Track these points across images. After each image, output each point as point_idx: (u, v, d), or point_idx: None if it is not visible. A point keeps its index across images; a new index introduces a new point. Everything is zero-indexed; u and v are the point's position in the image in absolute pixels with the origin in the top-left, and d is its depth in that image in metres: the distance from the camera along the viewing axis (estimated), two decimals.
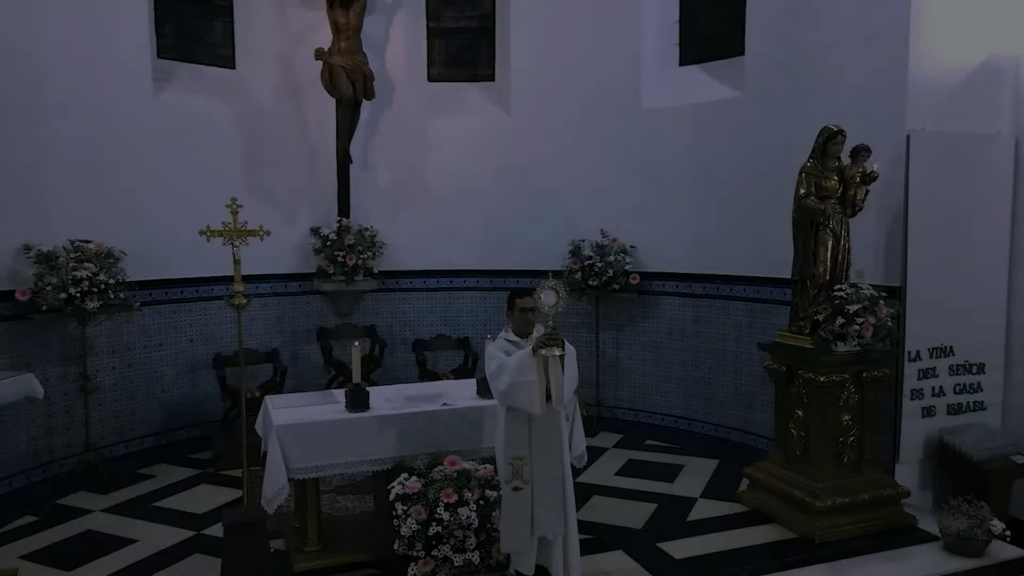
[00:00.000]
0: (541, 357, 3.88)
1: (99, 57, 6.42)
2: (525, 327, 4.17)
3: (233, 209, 4.67)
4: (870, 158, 5.07)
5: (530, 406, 3.89)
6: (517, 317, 4.21)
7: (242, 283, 4.64)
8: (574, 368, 4.00)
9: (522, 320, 4.18)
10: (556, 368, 3.88)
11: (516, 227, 8.07)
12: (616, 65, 7.61)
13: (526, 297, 4.20)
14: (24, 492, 5.85)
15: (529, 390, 3.87)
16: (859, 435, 5.11)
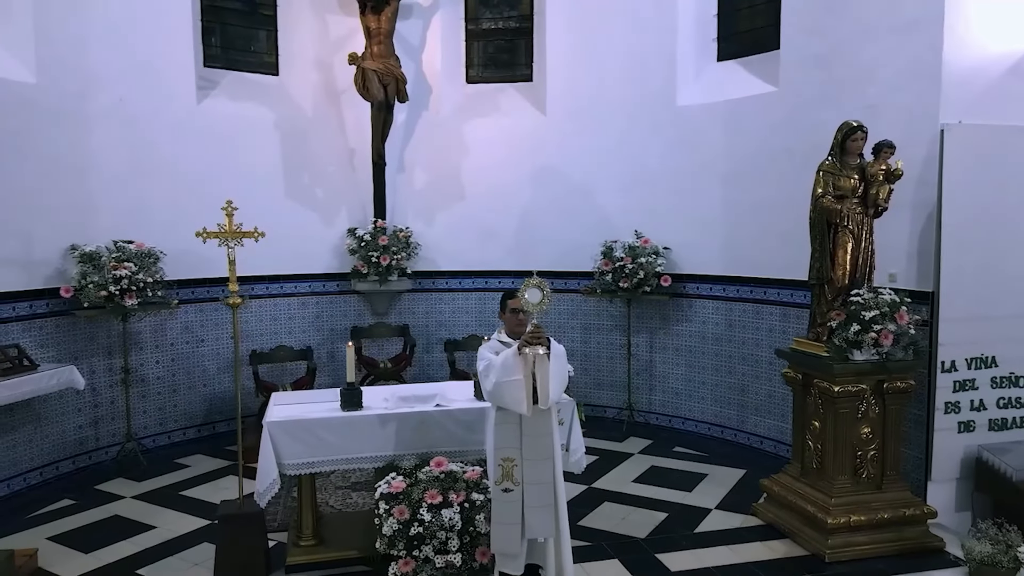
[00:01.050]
0: (527, 356, 3.84)
1: (144, 68, 6.77)
2: (517, 328, 4.13)
3: (228, 212, 4.78)
4: (894, 154, 4.75)
5: (517, 405, 3.85)
6: (509, 318, 4.19)
7: (236, 283, 4.73)
8: (562, 368, 3.91)
9: (514, 321, 4.16)
10: (543, 367, 3.82)
11: (550, 228, 8.02)
12: (651, 63, 7.45)
13: (517, 299, 4.16)
14: (68, 477, 6.24)
15: (515, 389, 3.83)
16: (880, 449, 4.81)
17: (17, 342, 5.83)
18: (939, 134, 4.99)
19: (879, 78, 5.55)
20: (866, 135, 4.80)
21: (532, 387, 3.82)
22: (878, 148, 4.77)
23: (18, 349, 5.78)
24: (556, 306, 8.07)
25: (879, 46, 5.54)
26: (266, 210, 7.58)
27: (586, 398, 8.11)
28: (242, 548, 4.30)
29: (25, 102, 5.97)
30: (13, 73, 5.93)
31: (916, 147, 5.19)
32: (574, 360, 7.91)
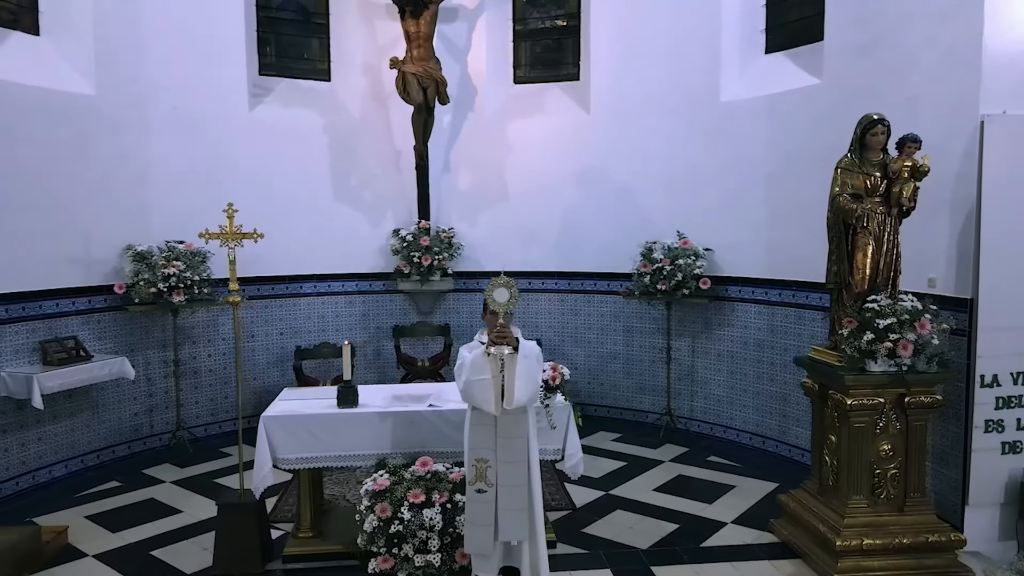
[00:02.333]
0: (496, 356, 3.82)
1: (198, 78, 7.16)
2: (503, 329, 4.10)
3: (229, 214, 4.97)
4: (919, 149, 4.38)
5: (485, 405, 3.85)
6: (489, 319, 4.16)
7: (237, 282, 4.90)
8: (531, 368, 3.83)
9: (493, 322, 4.13)
10: (510, 367, 3.79)
11: (592, 228, 7.91)
12: (694, 58, 7.21)
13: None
14: (121, 461, 6.70)
15: (484, 389, 3.82)
16: (902, 468, 4.44)
17: (75, 334, 6.32)
18: (979, 125, 4.55)
19: (919, 67, 5.14)
20: (888, 129, 4.45)
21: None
22: (901, 143, 4.42)
23: (75, 341, 6.27)
24: (599, 308, 8.00)
25: (919, 32, 5.12)
26: (315, 212, 7.93)
27: (627, 403, 7.95)
28: (240, 537, 4.48)
29: (86, 112, 6.45)
30: (75, 86, 6.42)
31: (956, 140, 4.78)
32: (616, 363, 7.87)
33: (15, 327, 5.93)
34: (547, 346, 8.18)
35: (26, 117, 6.01)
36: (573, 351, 8.18)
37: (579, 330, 8.16)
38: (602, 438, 7.31)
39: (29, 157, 6.01)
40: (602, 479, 6.12)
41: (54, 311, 6.24)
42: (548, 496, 5.68)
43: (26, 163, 5.99)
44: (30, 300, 6.04)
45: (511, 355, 3.76)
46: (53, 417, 6.23)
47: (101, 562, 4.69)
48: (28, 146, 6.01)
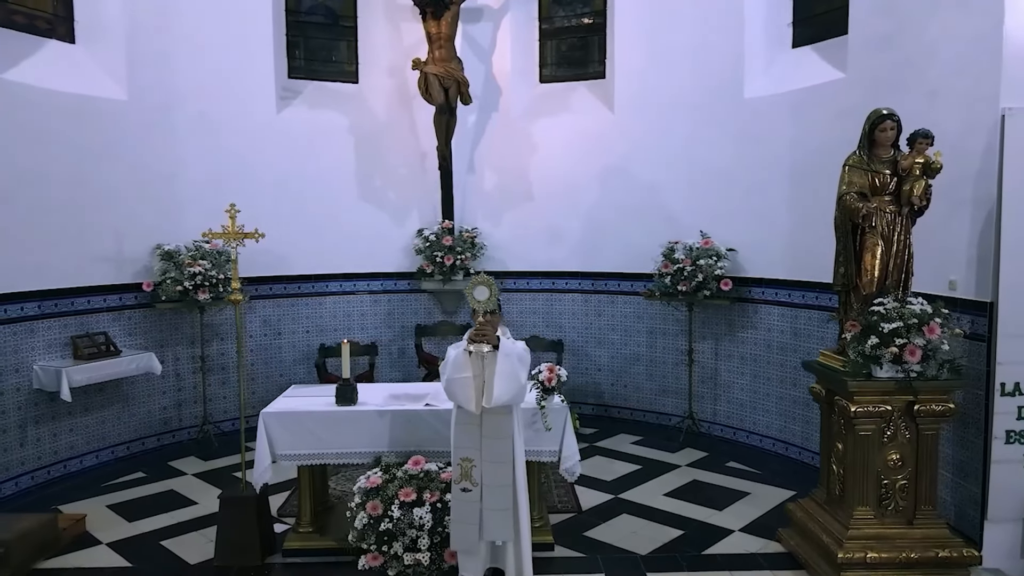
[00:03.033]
0: (477, 354, 3.83)
1: (226, 82, 7.35)
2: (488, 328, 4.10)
3: (231, 214, 5.07)
4: (931, 145, 4.18)
5: (466, 403, 3.87)
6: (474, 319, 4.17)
7: (239, 280, 4.99)
8: (512, 368, 3.80)
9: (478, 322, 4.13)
10: (490, 365, 3.79)
11: (616, 228, 7.82)
12: (718, 55, 7.06)
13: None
14: (149, 452, 6.94)
15: (464, 387, 3.84)
16: (913, 479, 4.25)
17: (105, 330, 6.57)
18: (1000, 119, 4.32)
19: (940, 59, 4.90)
20: (898, 124, 4.26)
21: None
22: (912, 138, 4.23)
23: (105, 336, 6.52)
24: (622, 308, 7.89)
25: (940, 22, 4.89)
26: (341, 212, 8.06)
27: (650, 405, 7.83)
28: (240, 530, 4.59)
29: (118, 117, 6.70)
30: (108, 91, 6.68)
31: (977, 135, 4.55)
32: (639, 365, 7.76)
33: (48, 323, 6.20)
34: (570, 347, 8.13)
35: (61, 122, 6.27)
36: (596, 352, 8.10)
37: (603, 331, 8.07)
38: (622, 440, 7.21)
39: (63, 160, 6.28)
40: (613, 482, 6.04)
41: (85, 308, 6.50)
42: (555, 498, 5.64)
43: (60, 166, 6.25)
44: (62, 297, 6.31)
45: (491, 353, 3.75)
46: (85, 409, 6.50)
47: (112, 550, 4.86)
48: (62, 150, 6.28)
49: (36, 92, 6.09)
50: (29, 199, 6.03)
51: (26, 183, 5.99)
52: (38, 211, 6.09)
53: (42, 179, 6.12)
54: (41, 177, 6.11)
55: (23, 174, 5.97)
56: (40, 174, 6.11)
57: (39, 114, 6.10)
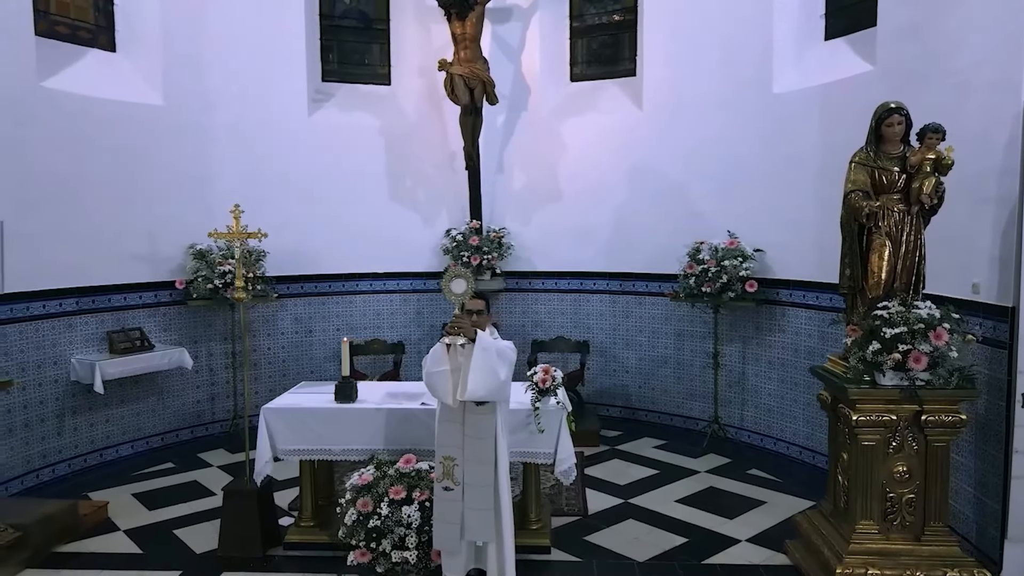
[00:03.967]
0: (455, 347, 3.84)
1: (259, 87, 7.57)
2: None
3: (236, 214, 5.20)
4: (943, 140, 3.95)
5: (444, 396, 3.90)
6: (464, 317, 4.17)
7: (243, 279, 5.11)
8: (490, 362, 3.77)
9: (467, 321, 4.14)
10: (466, 359, 3.79)
11: (644, 227, 7.69)
12: (747, 49, 6.87)
13: (473, 299, 4.18)
14: (181, 444, 7.20)
15: (442, 380, 3.87)
16: (921, 493, 4.02)
17: (140, 326, 6.86)
18: (1021, 111, 4.05)
19: (966, 48, 4.63)
20: (906, 119, 4.05)
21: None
22: (921, 133, 4.01)
23: (140, 332, 6.81)
24: (650, 310, 7.76)
25: (966, 9, 4.63)
26: (371, 212, 8.19)
27: (677, 408, 7.67)
28: (242, 522, 4.71)
29: (154, 121, 6.98)
30: (145, 97, 6.97)
31: (1000, 128, 4.29)
32: (666, 367, 7.62)
33: (85, 318, 6.52)
34: (598, 348, 8.04)
35: (101, 128, 6.57)
36: (624, 354, 7.98)
37: (630, 333, 7.94)
38: (644, 444, 7.09)
39: (102, 163, 6.58)
40: (626, 486, 5.94)
41: (122, 304, 6.80)
42: (563, 501, 5.59)
43: (100, 169, 6.56)
44: (100, 294, 6.62)
45: (469, 347, 3.75)
46: (121, 401, 6.80)
47: (128, 536, 5.07)
48: (102, 153, 6.58)
49: (76, 99, 6.40)
50: (69, 201, 6.34)
51: (66, 186, 6.31)
52: (77, 212, 6.40)
53: (81, 182, 6.43)
54: (80, 180, 6.43)
55: (63, 177, 6.28)
56: (79, 177, 6.42)
57: (78, 120, 6.40)
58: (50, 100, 6.20)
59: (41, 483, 6.11)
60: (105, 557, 4.77)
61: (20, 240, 5.84)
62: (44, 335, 6.17)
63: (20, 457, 5.98)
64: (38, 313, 6.11)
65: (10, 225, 5.75)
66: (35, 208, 6.04)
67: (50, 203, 6.18)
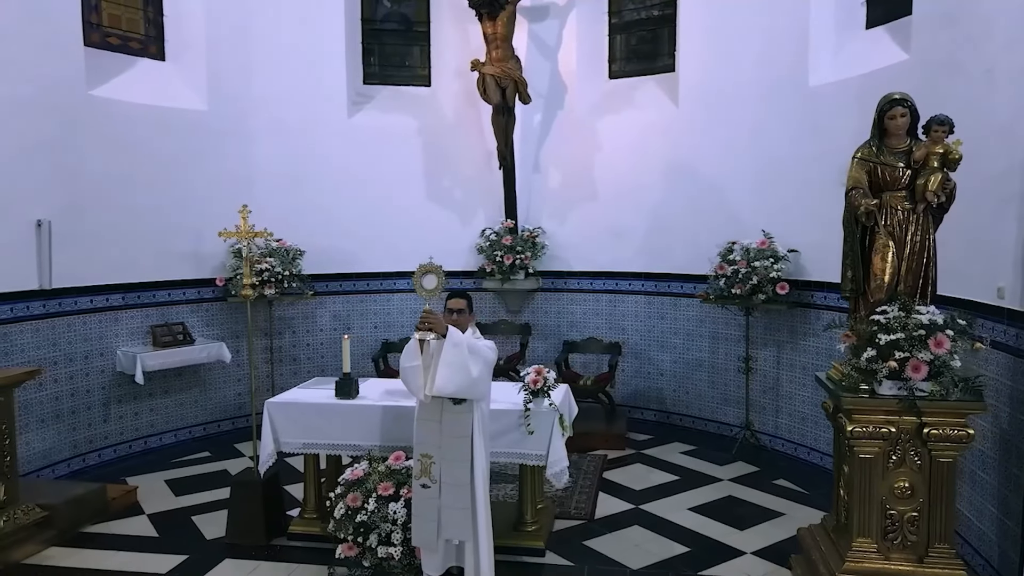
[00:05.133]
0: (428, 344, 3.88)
1: (299, 90, 7.81)
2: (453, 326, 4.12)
3: (244, 214, 5.37)
4: (950, 133, 3.67)
5: (417, 391, 3.96)
6: (445, 317, 4.21)
7: (251, 276, 5.27)
8: (460, 359, 3.77)
9: (448, 320, 4.16)
10: (436, 354, 3.81)
11: (680, 227, 7.51)
12: (784, 40, 6.60)
13: (454, 299, 4.21)
14: (221, 434, 7.52)
15: (414, 375, 3.93)
16: (925, 512, 3.76)
17: (183, 321, 7.21)
18: None
19: (996, 34, 4.29)
20: (910, 111, 3.79)
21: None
22: (927, 126, 3.74)
23: (183, 326, 7.16)
24: (685, 312, 7.58)
25: None
26: (409, 212, 8.32)
27: (711, 414, 7.45)
28: (247, 512, 4.89)
29: (199, 126, 7.32)
30: (190, 103, 7.32)
31: None
32: (701, 371, 7.41)
33: (131, 312, 6.90)
34: (633, 350, 7.91)
35: (148, 133, 6.94)
36: (659, 356, 7.81)
37: (665, 335, 7.76)
38: (672, 449, 6.91)
39: (148, 166, 6.95)
40: (641, 492, 5.81)
41: (166, 300, 7.16)
42: (571, 504, 5.52)
43: (145, 171, 6.92)
44: (145, 290, 7.00)
45: (438, 343, 3.76)
46: (165, 392, 7.17)
47: (150, 520, 5.35)
48: (149, 157, 6.95)
49: (124, 106, 6.77)
50: (117, 202, 6.72)
51: (114, 188, 6.69)
52: (124, 213, 6.78)
53: (129, 184, 6.81)
54: (128, 182, 6.80)
55: (111, 180, 6.66)
56: (127, 179, 6.79)
57: (127, 126, 6.78)
58: (98, 107, 6.58)
59: (87, 467, 6.51)
60: (124, 539, 5.04)
61: (69, 239, 6.25)
62: (91, 328, 6.57)
63: (67, 442, 6.39)
64: (85, 307, 6.51)
65: (59, 225, 6.19)
66: (83, 209, 6.43)
67: (98, 204, 6.56)
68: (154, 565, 4.64)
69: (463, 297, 4.22)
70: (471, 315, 4.26)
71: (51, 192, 6.17)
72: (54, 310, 6.25)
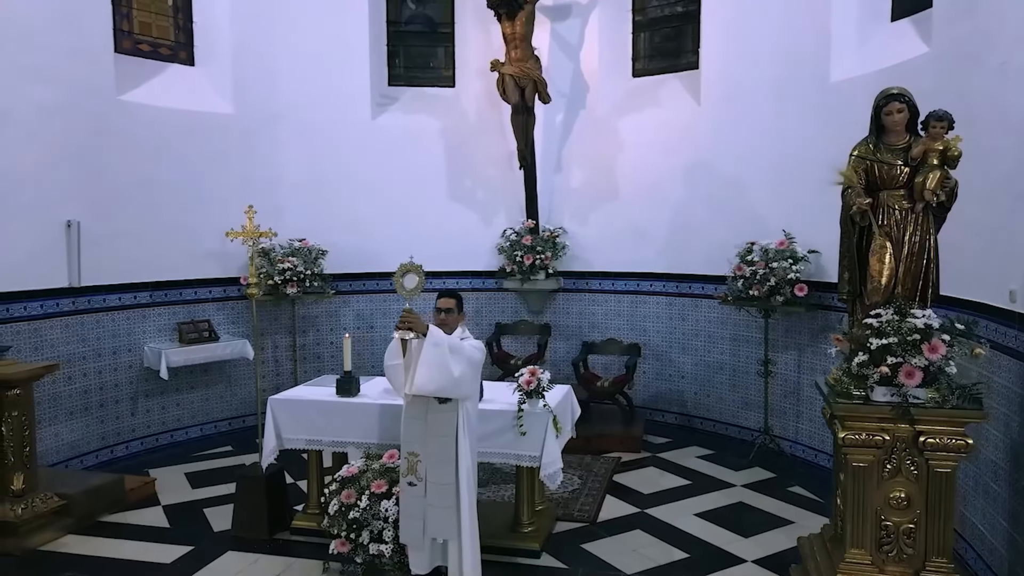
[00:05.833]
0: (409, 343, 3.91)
1: (324, 93, 7.94)
2: (440, 327, 4.15)
3: (249, 215, 5.48)
4: (949, 128, 3.52)
5: (399, 390, 3.99)
6: (433, 316, 4.24)
7: (255, 275, 5.38)
8: (440, 358, 3.79)
9: (435, 319, 4.20)
10: (416, 354, 3.83)
11: (701, 227, 7.39)
12: (805, 34, 6.43)
13: (443, 298, 4.24)
14: (246, 429, 7.67)
15: (396, 373, 4.01)
16: (922, 524, 3.61)
17: (209, 318, 7.42)
18: None
19: (1009, 25, 4.09)
20: (908, 106, 3.65)
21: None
22: (925, 122, 3.59)
23: (208, 324, 7.36)
24: (706, 313, 7.46)
25: None
26: (432, 212, 8.38)
27: (732, 418, 7.30)
28: (252, 506, 5.00)
29: (225, 128, 7.52)
30: (217, 107, 7.52)
31: None
32: (722, 374, 7.28)
33: (159, 310, 7.14)
34: (654, 352, 7.81)
35: (176, 136, 7.16)
36: (680, 359, 7.69)
37: (686, 336, 7.64)
38: (689, 453, 6.80)
39: (177, 168, 7.16)
40: (649, 496, 5.73)
41: (192, 298, 7.38)
42: (575, 506, 5.48)
43: (173, 174, 7.14)
44: (172, 288, 7.23)
45: (418, 342, 3.78)
46: (191, 387, 7.39)
47: (164, 511, 5.52)
48: (176, 160, 7.17)
49: (152, 110, 7.00)
50: (145, 203, 6.95)
51: (142, 189, 6.92)
52: (153, 214, 7.01)
53: (157, 185, 7.04)
54: (156, 183, 7.03)
55: (140, 181, 6.90)
56: (155, 181, 7.02)
57: (155, 129, 7.01)
58: (127, 112, 6.81)
59: (115, 458, 6.75)
60: (137, 529, 5.21)
61: (98, 239, 6.49)
62: (119, 324, 6.82)
63: (95, 434, 6.64)
64: (113, 304, 6.76)
65: (88, 226, 6.44)
66: (112, 210, 6.67)
67: (128, 205, 6.80)
68: (160, 555, 4.78)
69: (452, 296, 4.24)
70: (461, 315, 4.28)
71: (81, 193, 6.42)
72: (83, 307, 6.50)
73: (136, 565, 4.67)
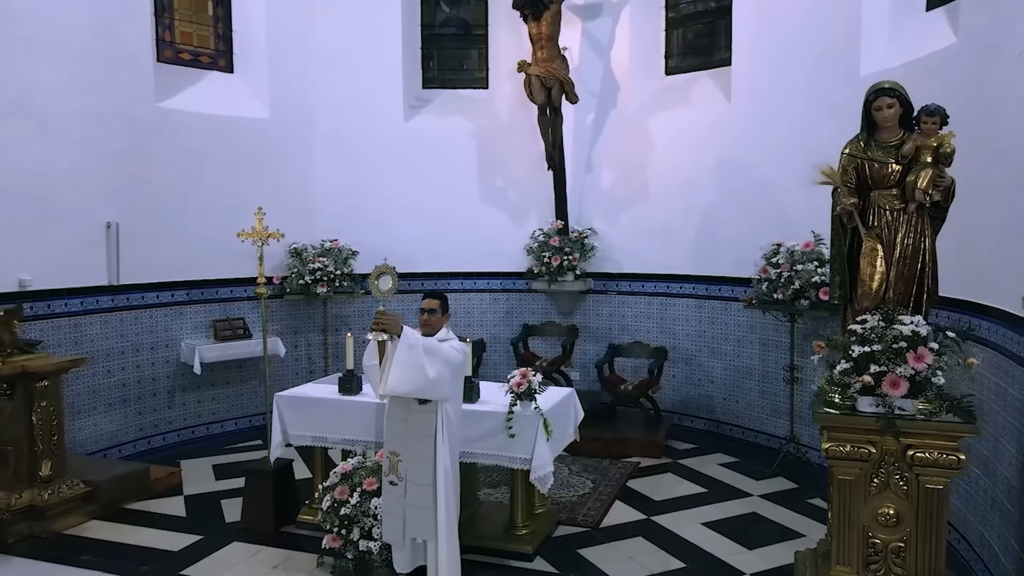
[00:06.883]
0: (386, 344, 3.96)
1: (357, 96, 8.11)
2: (423, 327, 4.19)
3: (259, 216, 5.62)
4: (942, 124, 3.32)
5: (375, 388, 4.05)
6: (418, 316, 4.28)
7: (263, 276, 5.52)
8: (415, 359, 3.79)
9: (420, 320, 4.24)
10: (390, 355, 3.87)
11: (730, 228, 7.20)
12: (834, 28, 6.18)
13: (427, 299, 4.27)
14: None
15: (373, 374, 4.03)
16: (912, 543, 3.41)
17: (243, 316, 7.68)
18: None
19: None
20: (899, 101, 3.46)
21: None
22: (917, 117, 3.40)
23: (243, 321, 7.63)
24: (735, 317, 7.28)
25: None
26: (463, 212, 8.46)
27: (761, 425, 7.07)
28: (259, 500, 5.15)
29: (261, 133, 7.77)
30: (254, 112, 7.78)
31: None
32: (751, 380, 7.08)
33: (195, 308, 7.44)
34: (683, 356, 7.65)
35: (213, 141, 7.45)
36: (709, 363, 7.50)
37: (715, 340, 7.44)
38: (711, 460, 6.63)
39: (214, 172, 7.45)
40: (659, 503, 5.62)
41: (228, 296, 7.66)
42: (581, 511, 5.41)
43: (212, 177, 7.43)
44: (209, 287, 7.52)
45: (394, 343, 3.81)
46: (226, 382, 7.68)
47: (184, 501, 5.74)
48: (214, 164, 7.45)
49: (190, 116, 7.31)
50: (183, 206, 7.26)
51: (180, 191, 7.23)
52: (191, 216, 7.31)
53: (194, 188, 7.34)
54: (193, 186, 7.33)
55: (178, 184, 7.21)
56: (192, 183, 7.32)
57: (193, 134, 7.31)
58: (167, 118, 7.13)
59: (152, 448, 7.08)
60: (157, 517, 5.45)
61: (136, 239, 6.81)
62: (157, 321, 7.14)
63: (134, 425, 6.98)
64: (151, 302, 7.08)
65: (127, 227, 6.77)
66: (151, 213, 6.99)
67: (165, 207, 7.11)
68: (171, 543, 4.98)
69: (436, 297, 4.27)
70: (445, 315, 4.30)
71: (121, 196, 6.75)
72: (122, 304, 6.84)
73: (147, 551, 4.88)
